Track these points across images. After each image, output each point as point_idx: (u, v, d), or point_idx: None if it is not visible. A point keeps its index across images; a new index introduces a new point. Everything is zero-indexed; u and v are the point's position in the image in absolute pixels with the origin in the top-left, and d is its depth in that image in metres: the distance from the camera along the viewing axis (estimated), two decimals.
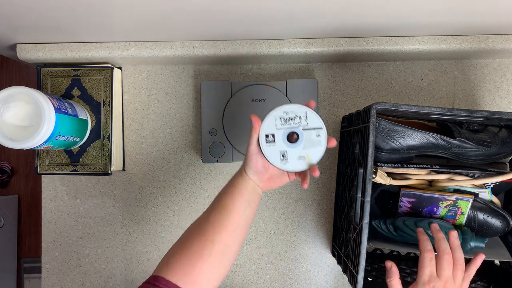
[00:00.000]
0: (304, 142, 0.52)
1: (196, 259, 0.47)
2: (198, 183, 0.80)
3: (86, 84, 0.75)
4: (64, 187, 0.80)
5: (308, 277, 0.80)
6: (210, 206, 0.54)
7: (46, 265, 0.80)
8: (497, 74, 0.79)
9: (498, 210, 0.64)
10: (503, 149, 0.66)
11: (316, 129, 0.52)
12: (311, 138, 0.52)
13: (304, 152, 0.53)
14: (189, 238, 0.50)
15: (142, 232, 0.80)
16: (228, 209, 0.51)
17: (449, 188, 0.65)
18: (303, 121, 0.52)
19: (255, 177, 0.54)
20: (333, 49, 0.72)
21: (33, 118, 0.60)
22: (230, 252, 0.50)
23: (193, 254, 0.47)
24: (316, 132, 0.52)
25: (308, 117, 0.52)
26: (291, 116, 0.53)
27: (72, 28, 0.66)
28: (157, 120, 0.80)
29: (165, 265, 0.47)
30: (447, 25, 0.66)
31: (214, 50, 0.73)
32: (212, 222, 0.50)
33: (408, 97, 0.79)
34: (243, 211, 0.52)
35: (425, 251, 0.55)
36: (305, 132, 0.52)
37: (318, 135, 0.52)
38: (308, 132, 0.52)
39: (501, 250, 0.67)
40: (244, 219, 0.53)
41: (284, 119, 0.53)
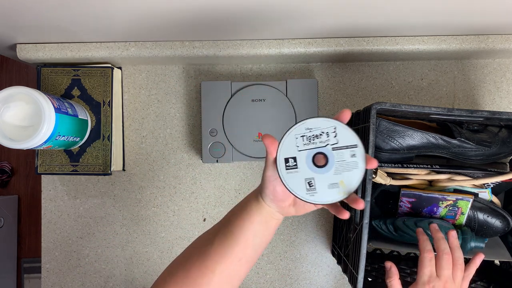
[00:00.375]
0: (336, 166, 0.42)
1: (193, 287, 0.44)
2: (198, 183, 0.80)
3: (86, 84, 0.75)
4: (64, 187, 0.80)
5: (308, 277, 0.80)
6: (218, 224, 0.48)
7: (46, 265, 0.80)
8: (497, 74, 0.79)
9: (498, 210, 0.64)
10: (503, 149, 0.66)
11: (350, 148, 0.42)
12: (344, 160, 0.42)
13: (337, 178, 0.42)
14: (190, 259, 0.46)
15: (142, 232, 0.80)
16: (235, 237, 0.45)
17: (449, 188, 0.65)
18: (331, 139, 0.42)
19: (273, 205, 0.46)
20: (333, 49, 0.72)
21: (33, 118, 0.60)
22: (233, 282, 0.46)
23: (191, 281, 0.44)
24: (350, 151, 0.42)
25: (338, 133, 0.42)
26: (316, 133, 0.43)
27: (72, 28, 0.66)
28: (157, 120, 0.80)
29: (162, 282, 0.46)
30: (447, 25, 0.66)
31: (214, 50, 0.72)
32: (216, 248, 0.45)
33: (408, 97, 0.79)
34: (252, 240, 0.46)
35: (424, 251, 0.55)
36: (335, 153, 0.42)
37: (353, 154, 0.42)
38: (340, 152, 0.42)
39: (501, 250, 0.67)
40: (253, 248, 0.46)
41: (307, 137, 0.43)
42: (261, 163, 0.80)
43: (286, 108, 0.74)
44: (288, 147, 0.43)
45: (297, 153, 0.43)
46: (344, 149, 0.42)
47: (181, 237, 0.80)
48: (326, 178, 0.42)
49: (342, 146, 0.42)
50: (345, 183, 0.42)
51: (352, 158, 0.42)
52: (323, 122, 0.43)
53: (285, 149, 0.43)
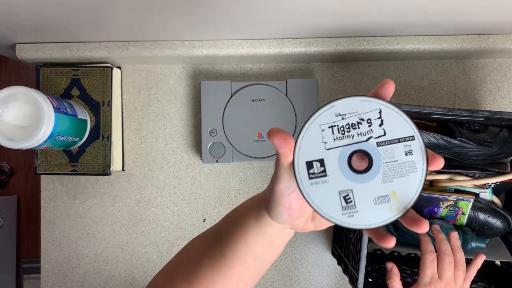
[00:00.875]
0: (384, 169, 0.30)
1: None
2: (198, 183, 0.80)
3: (86, 84, 0.75)
4: (64, 187, 0.80)
5: (309, 278, 0.80)
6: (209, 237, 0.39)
7: (46, 266, 0.80)
8: (498, 74, 0.79)
9: (499, 210, 0.64)
10: (504, 149, 0.65)
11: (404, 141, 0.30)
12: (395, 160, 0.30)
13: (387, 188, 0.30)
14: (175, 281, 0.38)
15: (142, 232, 0.80)
16: (228, 261, 0.36)
17: (449, 188, 0.65)
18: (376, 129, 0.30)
19: (285, 223, 0.34)
20: (334, 49, 0.72)
21: (33, 118, 0.60)
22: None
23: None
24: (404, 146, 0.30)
25: (385, 118, 0.30)
26: (353, 122, 0.30)
27: (71, 28, 0.65)
28: (157, 120, 0.80)
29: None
30: (447, 24, 0.66)
31: (214, 50, 0.72)
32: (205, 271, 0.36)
33: (409, 97, 0.79)
34: (251, 263, 0.37)
35: (426, 252, 0.54)
36: (382, 150, 0.30)
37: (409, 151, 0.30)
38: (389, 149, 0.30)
39: (502, 251, 0.67)
40: (254, 270, 0.37)
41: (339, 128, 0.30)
42: (261, 163, 0.79)
43: (286, 108, 0.73)
44: (311, 145, 0.30)
45: (325, 153, 0.30)
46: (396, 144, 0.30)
47: (180, 237, 0.80)
48: (371, 188, 0.30)
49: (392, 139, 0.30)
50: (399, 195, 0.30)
51: (407, 156, 0.30)
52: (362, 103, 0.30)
53: (306, 149, 0.30)
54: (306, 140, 0.31)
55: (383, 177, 0.30)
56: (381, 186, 0.30)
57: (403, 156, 0.30)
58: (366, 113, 0.30)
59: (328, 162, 0.30)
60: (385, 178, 0.30)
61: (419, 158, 0.30)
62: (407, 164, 0.30)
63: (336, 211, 0.30)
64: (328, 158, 0.30)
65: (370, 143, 0.30)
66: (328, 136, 0.30)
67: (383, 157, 0.30)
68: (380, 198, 0.30)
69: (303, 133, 0.31)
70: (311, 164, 0.30)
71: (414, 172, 0.30)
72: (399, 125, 0.30)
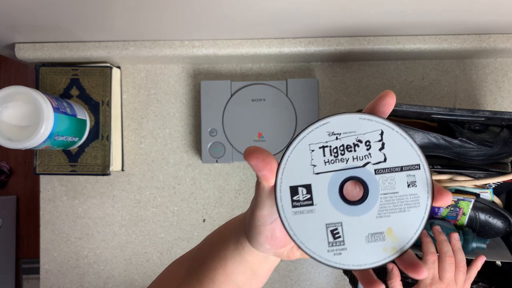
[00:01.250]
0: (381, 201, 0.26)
1: None
2: (198, 183, 0.80)
3: (85, 83, 0.74)
4: (63, 188, 0.79)
5: (309, 278, 0.79)
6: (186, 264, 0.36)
7: (45, 266, 0.80)
8: (498, 74, 0.78)
9: (500, 210, 0.64)
10: (504, 149, 0.65)
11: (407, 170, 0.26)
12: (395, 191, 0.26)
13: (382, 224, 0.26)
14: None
15: (141, 233, 0.80)
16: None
17: (450, 188, 0.65)
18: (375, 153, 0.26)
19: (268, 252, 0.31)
20: (334, 49, 0.72)
21: (32, 118, 0.59)
22: None
23: None
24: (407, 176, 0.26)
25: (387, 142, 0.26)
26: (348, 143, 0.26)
27: (70, 27, 0.65)
28: (156, 120, 0.80)
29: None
30: (448, 24, 0.66)
31: (213, 49, 0.72)
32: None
33: (410, 97, 0.79)
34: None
35: (428, 253, 0.54)
36: (380, 178, 0.26)
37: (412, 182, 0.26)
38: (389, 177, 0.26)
39: (502, 251, 0.67)
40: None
41: (332, 149, 0.26)
42: None
43: (287, 108, 0.73)
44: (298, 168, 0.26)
45: (313, 177, 0.26)
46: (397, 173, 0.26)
47: (180, 238, 0.80)
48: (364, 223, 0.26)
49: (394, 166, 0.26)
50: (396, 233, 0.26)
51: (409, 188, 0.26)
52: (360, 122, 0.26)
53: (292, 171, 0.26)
54: (292, 161, 0.26)
55: (379, 211, 0.26)
56: (376, 221, 0.26)
57: (405, 188, 0.26)
58: (364, 134, 0.26)
59: (316, 189, 0.26)
60: (382, 212, 0.26)
61: (424, 191, 0.26)
62: (409, 198, 0.26)
63: (321, 247, 0.26)
64: (316, 184, 0.26)
65: (367, 170, 0.26)
66: (318, 158, 0.26)
67: (381, 187, 0.26)
68: (373, 235, 0.26)
69: (289, 152, 0.26)
70: (296, 189, 0.26)
71: (416, 207, 0.26)
72: (403, 151, 0.26)
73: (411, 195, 0.26)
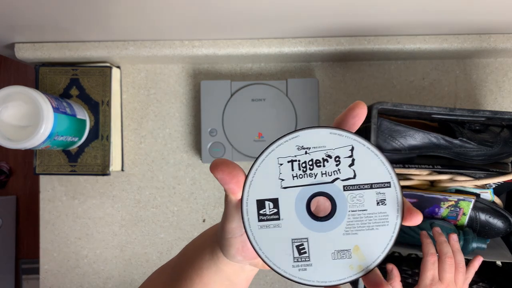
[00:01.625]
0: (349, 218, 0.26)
1: None
2: (198, 183, 0.80)
3: (85, 83, 0.74)
4: (63, 188, 0.79)
5: None
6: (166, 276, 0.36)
7: (45, 266, 0.80)
8: (499, 74, 0.78)
9: (500, 210, 0.64)
10: (505, 149, 0.65)
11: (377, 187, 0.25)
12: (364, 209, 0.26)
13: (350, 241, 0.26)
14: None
15: (141, 233, 0.80)
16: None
17: (450, 188, 0.65)
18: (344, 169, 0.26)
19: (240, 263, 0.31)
20: (334, 48, 0.72)
21: (32, 118, 0.59)
22: None
23: None
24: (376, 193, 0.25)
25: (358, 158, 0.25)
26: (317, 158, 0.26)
27: (70, 27, 0.65)
28: (156, 120, 0.80)
29: None
30: (448, 24, 0.66)
31: (213, 49, 0.72)
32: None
33: (410, 97, 0.79)
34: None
35: (428, 254, 0.55)
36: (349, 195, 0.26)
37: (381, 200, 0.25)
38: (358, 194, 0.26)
39: (502, 251, 0.67)
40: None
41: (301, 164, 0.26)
42: None
43: (287, 108, 0.73)
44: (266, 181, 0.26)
45: (280, 191, 0.26)
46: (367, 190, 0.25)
47: (180, 238, 0.80)
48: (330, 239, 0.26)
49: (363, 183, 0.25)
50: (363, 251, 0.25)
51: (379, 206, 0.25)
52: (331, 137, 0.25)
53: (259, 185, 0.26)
54: (260, 174, 0.26)
55: (346, 228, 0.26)
56: (343, 238, 0.26)
57: (374, 206, 0.25)
58: (334, 149, 0.25)
59: (283, 203, 0.26)
60: (349, 229, 0.26)
61: (393, 210, 0.25)
62: (378, 216, 0.25)
63: (287, 262, 0.26)
64: (283, 198, 0.26)
65: (335, 186, 0.26)
66: (286, 172, 0.26)
67: (350, 204, 0.26)
68: (340, 252, 0.26)
69: (257, 165, 0.26)
70: (262, 203, 0.26)
71: (385, 226, 0.25)
72: (373, 168, 0.25)
73: (380, 213, 0.25)
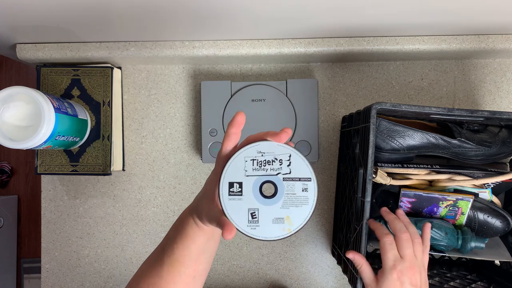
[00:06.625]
0: (284, 198, 0.39)
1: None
2: (198, 183, 0.80)
3: (86, 84, 0.75)
4: (64, 187, 0.80)
5: (308, 278, 0.80)
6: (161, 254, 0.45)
7: (46, 265, 0.80)
8: (497, 74, 0.79)
9: (499, 210, 0.64)
10: (503, 149, 0.66)
11: (303, 180, 0.39)
12: (294, 193, 0.39)
13: (284, 213, 0.39)
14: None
15: (142, 232, 0.80)
16: (182, 263, 0.44)
17: (449, 188, 0.65)
18: (284, 167, 0.39)
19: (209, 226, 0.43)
20: (333, 49, 0.72)
21: (33, 118, 0.60)
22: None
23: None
24: (302, 184, 0.39)
25: (293, 161, 0.39)
26: (269, 159, 0.39)
27: (71, 28, 0.65)
28: (157, 120, 0.80)
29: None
30: (447, 24, 0.66)
31: (214, 50, 0.72)
32: (166, 279, 0.43)
33: (409, 97, 0.79)
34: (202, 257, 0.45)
35: (382, 235, 0.54)
36: (286, 184, 0.39)
37: (305, 189, 0.39)
38: (291, 183, 0.39)
39: (501, 250, 0.67)
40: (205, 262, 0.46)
41: (258, 162, 0.39)
42: None
43: (286, 108, 0.74)
44: (236, 170, 0.39)
45: (244, 178, 0.39)
46: (297, 181, 0.39)
47: None
48: (272, 210, 0.39)
49: (295, 177, 0.39)
50: (292, 220, 0.39)
51: (303, 192, 0.39)
52: (278, 147, 0.39)
53: (232, 172, 0.39)
54: (233, 165, 0.39)
55: (282, 204, 0.39)
56: (280, 210, 0.39)
57: (300, 191, 0.39)
58: (279, 155, 0.39)
59: (245, 185, 0.39)
60: (284, 205, 0.39)
61: (312, 195, 0.39)
62: (302, 198, 0.39)
63: (243, 223, 0.39)
64: (246, 182, 0.39)
65: (278, 177, 0.39)
66: (249, 166, 0.39)
67: (286, 189, 0.39)
68: (277, 219, 0.39)
69: (231, 160, 0.39)
70: (232, 184, 0.39)
71: (306, 205, 0.39)
72: (301, 168, 0.39)
73: (303, 197, 0.39)
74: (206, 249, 0.45)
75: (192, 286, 0.45)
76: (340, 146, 0.78)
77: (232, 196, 0.39)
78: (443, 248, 0.62)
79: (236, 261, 0.80)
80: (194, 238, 0.43)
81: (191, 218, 0.44)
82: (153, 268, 0.45)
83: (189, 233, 0.43)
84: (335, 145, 0.79)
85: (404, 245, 0.53)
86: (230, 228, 0.36)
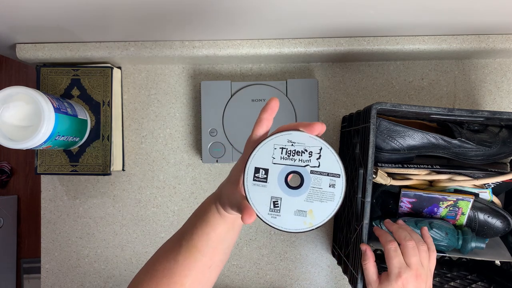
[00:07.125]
0: (310, 191, 0.38)
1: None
2: (198, 183, 0.80)
3: (86, 84, 0.75)
4: (64, 187, 0.80)
5: (308, 278, 0.80)
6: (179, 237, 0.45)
7: (46, 265, 0.80)
8: (497, 74, 0.79)
9: (499, 210, 0.64)
10: (503, 149, 0.66)
11: (331, 176, 0.38)
12: (320, 187, 0.38)
13: (307, 206, 0.38)
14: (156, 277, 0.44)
15: (142, 232, 0.80)
16: (200, 250, 0.43)
17: (449, 188, 0.65)
18: (313, 160, 0.37)
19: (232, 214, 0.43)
20: (334, 49, 0.72)
21: (33, 118, 0.60)
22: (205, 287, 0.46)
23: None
24: (330, 180, 0.37)
25: (323, 155, 0.37)
26: (298, 150, 0.38)
27: (71, 28, 0.65)
28: (157, 120, 0.80)
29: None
30: (447, 24, 0.66)
31: (214, 50, 0.72)
32: (182, 264, 0.43)
33: (409, 97, 0.79)
34: (220, 247, 0.45)
35: (387, 242, 0.54)
36: (313, 177, 0.38)
37: (332, 185, 0.37)
38: (318, 178, 0.38)
39: (501, 251, 0.67)
40: (222, 253, 0.46)
41: (287, 151, 0.38)
42: None
43: (286, 108, 0.74)
44: (263, 157, 0.38)
45: (271, 165, 0.38)
46: (324, 176, 0.37)
47: None
48: (295, 202, 0.37)
49: (323, 171, 0.37)
50: (314, 214, 0.37)
51: (330, 188, 0.37)
52: (310, 139, 0.37)
53: (259, 158, 0.38)
54: (260, 152, 0.38)
55: (307, 197, 0.38)
56: (304, 203, 0.38)
57: (327, 187, 0.38)
58: (310, 147, 0.38)
59: (271, 173, 0.38)
60: (309, 198, 0.38)
61: (339, 192, 0.38)
62: (328, 194, 0.37)
63: (265, 210, 0.38)
64: (272, 169, 0.38)
65: (306, 169, 0.38)
66: (277, 154, 0.38)
67: (312, 182, 0.38)
68: (299, 212, 0.37)
69: (260, 146, 0.38)
70: (258, 170, 0.38)
71: (331, 201, 0.38)
72: (331, 163, 0.38)
73: (330, 192, 0.38)
74: (225, 239, 0.44)
75: (207, 275, 0.45)
76: (340, 146, 0.78)
77: (256, 182, 0.38)
78: (443, 248, 0.62)
79: (236, 261, 0.80)
80: (215, 226, 0.43)
81: (214, 205, 0.43)
82: (170, 253, 0.45)
83: (210, 220, 0.43)
84: (335, 145, 0.79)
85: (410, 252, 0.52)
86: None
